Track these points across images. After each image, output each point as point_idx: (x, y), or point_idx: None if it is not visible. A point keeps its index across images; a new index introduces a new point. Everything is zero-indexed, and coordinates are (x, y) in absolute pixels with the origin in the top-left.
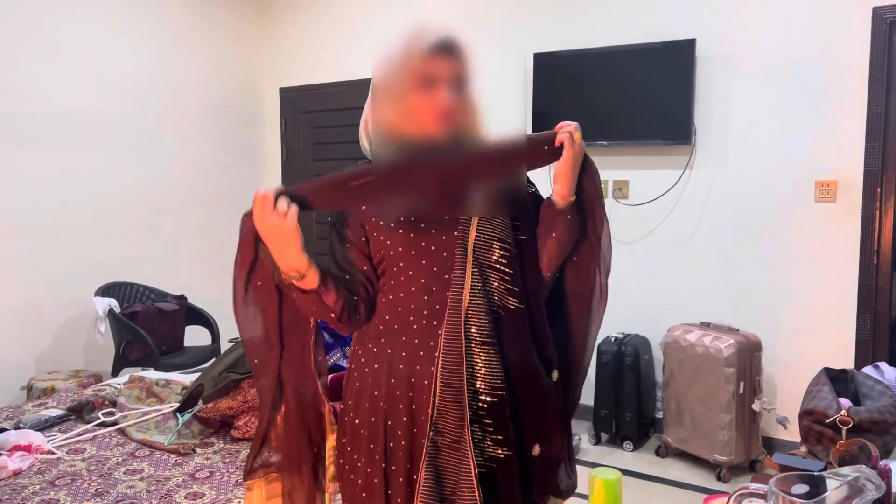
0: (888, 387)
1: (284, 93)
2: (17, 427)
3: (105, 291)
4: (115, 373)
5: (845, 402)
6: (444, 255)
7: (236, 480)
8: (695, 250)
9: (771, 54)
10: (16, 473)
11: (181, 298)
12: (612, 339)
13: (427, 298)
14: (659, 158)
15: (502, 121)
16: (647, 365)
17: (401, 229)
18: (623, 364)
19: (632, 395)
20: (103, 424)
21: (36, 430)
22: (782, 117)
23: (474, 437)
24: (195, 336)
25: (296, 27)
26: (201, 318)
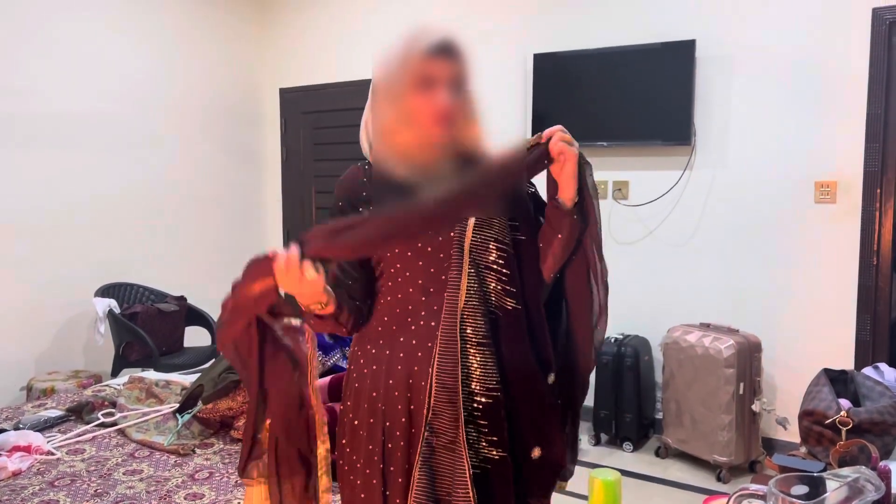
0: (888, 388)
1: (284, 93)
2: (16, 428)
3: (105, 292)
4: (115, 373)
5: (845, 402)
6: (441, 257)
7: (236, 481)
8: (695, 251)
9: (771, 55)
10: (15, 474)
11: (181, 299)
12: (612, 340)
13: (425, 299)
14: (659, 159)
15: (502, 122)
16: (646, 366)
17: None
18: (623, 365)
19: (632, 396)
20: (103, 425)
21: (35, 431)
22: (782, 118)
23: (469, 438)
24: (195, 337)
25: (296, 27)
26: (201, 319)
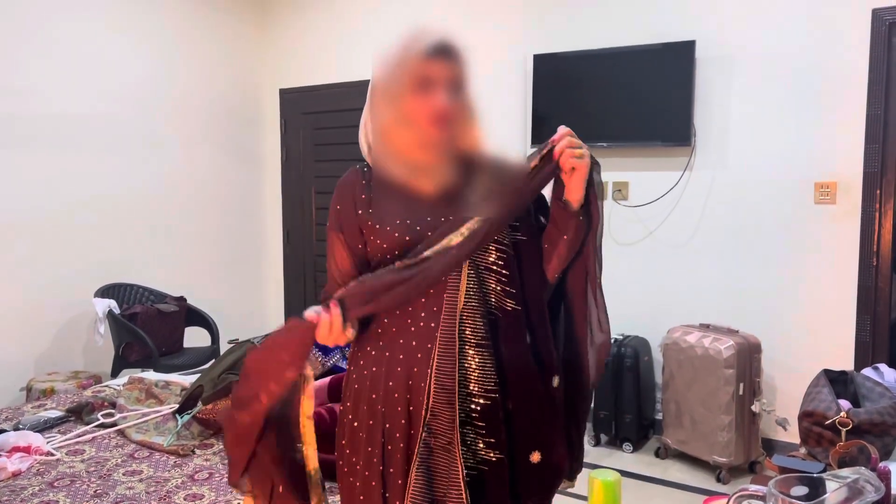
0: (888, 388)
1: (284, 94)
2: (16, 428)
3: (105, 292)
4: (115, 374)
5: (845, 403)
6: None
7: None
8: (694, 252)
9: (771, 56)
10: (15, 475)
11: (181, 300)
12: (612, 341)
13: (424, 300)
14: (659, 160)
15: (502, 123)
16: (646, 366)
17: (397, 232)
18: (623, 365)
19: (631, 397)
20: (103, 426)
21: (35, 432)
22: (782, 119)
23: (466, 440)
24: (195, 337)
25: (296, 28)
26: (201, 320)
